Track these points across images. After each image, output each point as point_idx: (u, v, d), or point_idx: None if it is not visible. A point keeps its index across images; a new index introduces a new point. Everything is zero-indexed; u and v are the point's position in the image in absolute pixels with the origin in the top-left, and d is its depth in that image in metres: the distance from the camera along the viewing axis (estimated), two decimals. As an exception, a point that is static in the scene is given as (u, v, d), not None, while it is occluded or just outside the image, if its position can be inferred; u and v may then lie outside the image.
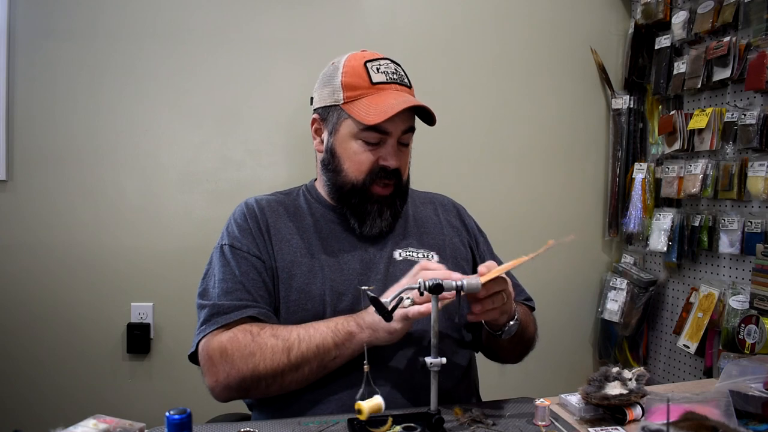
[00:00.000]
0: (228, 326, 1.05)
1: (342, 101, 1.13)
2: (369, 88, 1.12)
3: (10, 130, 1.74)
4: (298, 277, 1.11)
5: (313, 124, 1.21)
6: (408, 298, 0.94)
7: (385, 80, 1.13)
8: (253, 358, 1.01)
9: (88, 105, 1.79)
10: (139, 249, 1.82)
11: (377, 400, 0.86)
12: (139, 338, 1.81)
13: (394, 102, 1.09)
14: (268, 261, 1.12)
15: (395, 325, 0.97)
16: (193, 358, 1.10)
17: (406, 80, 1.18)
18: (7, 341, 1.76)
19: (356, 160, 1.13)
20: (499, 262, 1.28)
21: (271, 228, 1.15)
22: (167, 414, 0.73)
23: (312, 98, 1.22)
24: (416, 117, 1.18)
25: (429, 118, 1.16)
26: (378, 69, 1.14)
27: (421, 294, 0.91)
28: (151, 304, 1.83)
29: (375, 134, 1.11)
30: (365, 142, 1.12)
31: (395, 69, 1.17)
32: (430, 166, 1.92)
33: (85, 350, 1.80)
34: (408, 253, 1.18)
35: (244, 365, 1.01)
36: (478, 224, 1.35)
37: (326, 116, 1.17)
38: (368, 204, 1.14)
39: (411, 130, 1.16)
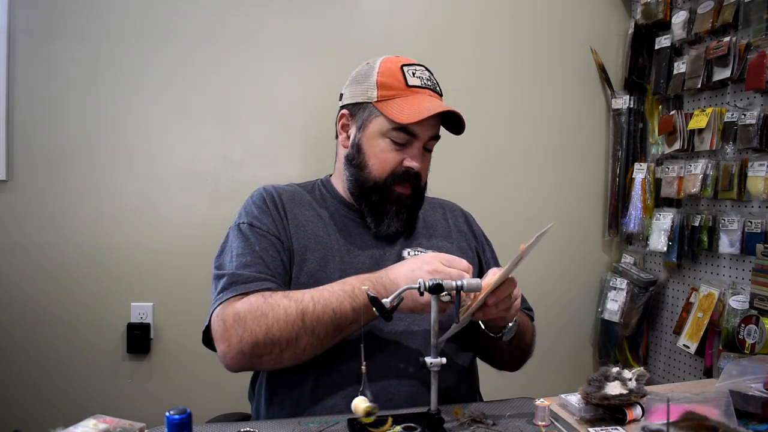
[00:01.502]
0: (245, 295, 1.03)
1: (375, 99, 1.15)
2: (404, 89, 1.15)
3: (10, 130, 1.74)
4: (310, 262, 1.12)
5: (340, 119, 1.22)
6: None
7: (420, 84, 1.16)
8: (265, 319, 0.98)
9: (88, 105, 1.79)
10: (139, 249, 1.82)
11: (370, 404, 0.85)
12: (139, 338, 1.81)
13: (429, 105, 1.12)
14: (286, 242, 1.13)
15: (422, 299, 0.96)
16: (206, 340, 1.09)
17: (438, 88, 1.21)
18: (8, 341, 1.76)
19: (382, 158, 1.15)
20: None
21: (288, 213, 1.16)
22: (167, 414, 0.73)
23: (341, 95, 1.23)
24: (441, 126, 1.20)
25: (456, 127, 1.19)
26: (414, 73, 1.17)
27: (421, 294, 0.91)
28: (151, 304, 1.83)
29: (404, 135, 1.14)
30: (393, 142, 1.14)
31: (429, 76, 1.20)
32: (430, 166, 1.92)
33: (85, 350, 1.80)
34: (417, 252, 1.19)
35: (257, 326, 0.98)
36: (484, 232, 1.37)
37: (356, 112, 1.18)
38: (387, 203, 1.16)
39: (436, 137, 1.19)
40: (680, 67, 1.83)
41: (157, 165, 1.83)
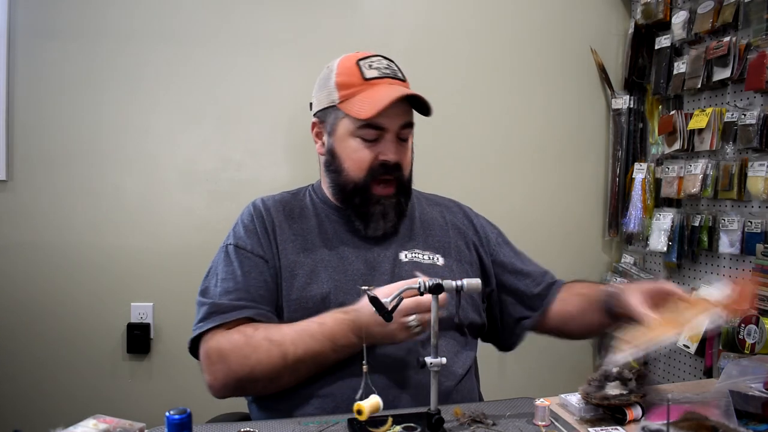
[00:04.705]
0: (225, 326, 1.06)
1: (338, 101, 1.14)
2: (362, 84, 1.12)
3: (10, 130, 1.74)
4: (300, 276, 1.12)
5: (313, 128, 1.22)
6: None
7: (378, 75, 1.13)
8: (248, 361, 1.02)
9: (88, 105, 1.79)
10: (139, 249, 1.82)
11: (375, 399, 0.86)
12: (139, 338, 1.81)
13: (386, 94, 1.09)
14: (271, 260, 1.13)
15: (399, 334, 1.00)
16: (192, 349, 1.11)
17: (399, 74, 1.17)
18: (8, 341, 1.76)
19: (356, 158, 1.14)
20: (514, 251, 1.31)
21: (276, 228, 1.16)
22: (167, 414, 0.73)
23: (311, 104, 1.23)
24: (414, 112, 1.17)
25: (425, 108, 1.15)
26: (371, 65, 1.15)
27: (421, 294, 0.91)
28: (151, 304, 1.83)
29: (372, 131, 1.12)
30: (363, 139, 1.13)
31: (388, 64, 1.17)
32: (429, 166, 1.91)
33: (85, 350, 1.80)
34: (414, 255, 1.18)
35: (240, 368, 1.02)
36: (488, 220, 1.35)
37: (325, 118, 1.18)
38: (371, 205, 1.14)
39: (409, 125, 1.16)
40: (680, 67, 1.83)
41: (157, 165, 1.83)
